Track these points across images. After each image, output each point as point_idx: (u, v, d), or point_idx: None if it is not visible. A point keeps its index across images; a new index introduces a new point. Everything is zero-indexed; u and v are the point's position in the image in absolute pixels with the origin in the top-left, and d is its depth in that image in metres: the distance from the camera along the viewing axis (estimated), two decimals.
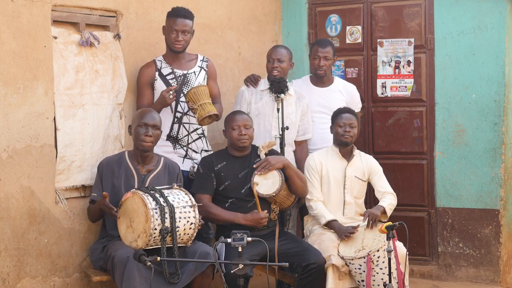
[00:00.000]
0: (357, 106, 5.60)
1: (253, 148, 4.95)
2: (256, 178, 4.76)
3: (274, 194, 4.74)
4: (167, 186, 4.46)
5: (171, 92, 4.76)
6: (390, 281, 4.29)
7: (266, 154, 4.88)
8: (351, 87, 5.64)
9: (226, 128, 4.91)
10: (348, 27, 6.25)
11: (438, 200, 6.03)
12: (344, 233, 4.86)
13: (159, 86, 4.90)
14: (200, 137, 5.09)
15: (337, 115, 5.10)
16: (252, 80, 5.39)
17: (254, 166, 4.80)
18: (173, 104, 4.92)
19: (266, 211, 4.75)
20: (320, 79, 5.54)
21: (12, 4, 4.21)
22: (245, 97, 5.34)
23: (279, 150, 5.08)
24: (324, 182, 5.11)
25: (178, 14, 4.87)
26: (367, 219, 4.85)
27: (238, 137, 4.82)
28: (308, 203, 5.07)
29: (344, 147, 5.10)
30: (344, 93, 5.55)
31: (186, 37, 4.91)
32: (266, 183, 4.76)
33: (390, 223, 4.32)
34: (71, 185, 4.61)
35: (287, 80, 5.30)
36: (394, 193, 5.12)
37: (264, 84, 5.35)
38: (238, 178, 4.84)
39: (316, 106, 5.48)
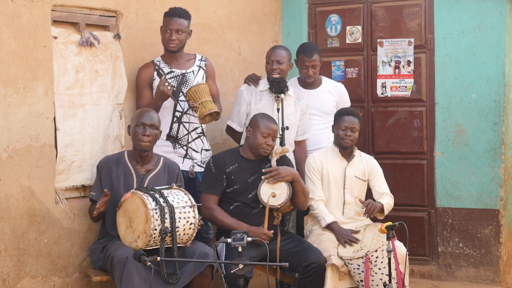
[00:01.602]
0: (346, 104, 5.57)
1: None
2: (263, 188, 4.73)
3: (279, 206, 4.73)
4: (167, 186, 4.46)
5: (166, 84, 4.75)
6: (390, 281, 4.29)
7: (277, 160, 4.86)
8: (340, 86, 5.63)
9: (253, 129, 4.82)
10: (348, 27, 6.25)
11: (438, 200, 6.03)
12: (344, 239, 4.85)
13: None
14: (199, 136, 5.08)
15: (341, 116, 5.06)
16: (253, 79, 5.39)
17: (264, 171, 4.75)
18: (173, 102, 4.92)
19: (272, 231, 4.70)
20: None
21: (12, 4, 4.21)
22: (244, 97, 5.33)
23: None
24: (324, 182, 5.10)
25: (173, 13, 4.87)
26: (366, 207, 4.82)
27: (263, 146, 4.76)
28: (309, 202, 5.06)
29: (344, 150, 5.10)
30: (334, 93, 5.53)
31: (181, 37, 4.89)
32: (271, 192, 4.74)
33: (390, 223, 4.32)
34: (71, 185, 4.61)
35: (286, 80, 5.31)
36: (392, 196, 5.12)
37: (263, 84, 5.35)
38: (247, 183, 4.80)
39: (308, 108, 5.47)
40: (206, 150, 5.13)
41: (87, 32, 4.65)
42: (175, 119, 4.98)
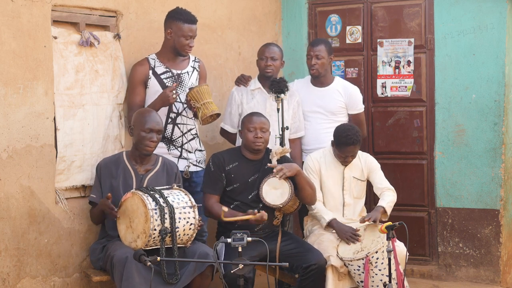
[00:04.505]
0: (357, 107, 5.52)
1: (267, 151, 4.91)
2: (265, 188, 4.72)
3: (282, 206, 4.72)
4: (167, 187, 4.46)
5: (173, 92, 4.75)
6: (390, 282, 4.29)
7: (278, 160, 4.85)
8: (352, 88, 5.54)
9: (242, 129, 4.87)
10: (348, 27, 6.25)
11: (438, 200, 6.03)
12: (346, 236, 4.85)
13: (153, 84, 4.88)
14: (194, 138, 5.07)
15: (343, 147, 4.97)
16: (242, 80, 5.42)
17: (268, 165, 4.73)
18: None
19: (265, 212, 4.70)
20: (318, 79, 5.51)
21: (12, 4, 4.21)
22: (234, 98, 5.37)
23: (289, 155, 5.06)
24: (322, 183, 5.10)
25: (192, 20, 4.87)
26: (368, 220, 4.83)
27: (253, 140, 4.77)
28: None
29: None
30: (342, 94, 5.48)
31: (193, 42, 4.94)
32: (275, 193, 4.72)
33: (390, 223, 4.32)
34: (71, 185, 4.61)
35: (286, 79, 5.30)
36: (393, 189, 5.11)
37: (254, 83, 5.38)
38: (248, 182, 4.80)
39: (312, 106, 5.46)
40: (200, 150, 5.13)
41: (87, 32, 4.65)
42: (169, 120, 4.96)
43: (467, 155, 5.88)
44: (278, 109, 5.10)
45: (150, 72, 4.90)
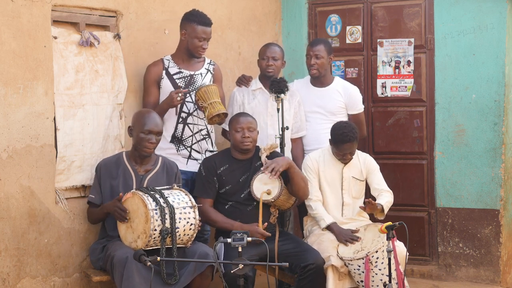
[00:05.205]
0: (356, 107, 5.54)
1: (256, 150, 4.93)
2: (256, 184, 4.73)
3: (273, 200, 4.73)
4: (167, 187, 4.46)
5: (180, 94, 4.76)
6: (390, 281, 4.29)
7: (267, 157, 4.85)
8: (352, 88, 5.56)
9: (229, 130, 4.90)
10: (348, 27, 6.25)
11: (438, 200, 6.03)
12: (345, 238, 4.85)
13: (166, 85, 4.91)
14: (204, 138, 5.08)
15: (340, 144, 4.96)
16: (243, 81, 5.42)
17: (262, 169, 4.73)
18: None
19: (266, 223, 4.71)
20: (318, 79, 5.52)
21: (12, 4, 4.21)
22: (236, 99, 5.37)
23: (278, 151, 5.06)
24: (321, 183, 5.10)
25: (206, 23, 4.92)
26: (367, 206, 4.81)
27: (241, 140, 4.79)
28: (307, 203, 5.06)
29: None
30: (342, 94, 5.50)
31: (207, 45, 4.97)
32: (265, 188, 4.74)
33: (390, 223, 4.32)
34: (71, 185, 4.61)
35: (286, 79, 5.31)
36: (391, 191, 5.11)
37: (255, 83, 5.38)
38: (239, 182, 4.82)
39: (312, 106, 5.47)
40: (211, 151, 5.13)
41: (87, 32, 4.65)
42: (180, 119, 4.98)
43: (467, 155, 5.88)
44: (278, 109, 5.10)
45: (164, 72, 4.93)
